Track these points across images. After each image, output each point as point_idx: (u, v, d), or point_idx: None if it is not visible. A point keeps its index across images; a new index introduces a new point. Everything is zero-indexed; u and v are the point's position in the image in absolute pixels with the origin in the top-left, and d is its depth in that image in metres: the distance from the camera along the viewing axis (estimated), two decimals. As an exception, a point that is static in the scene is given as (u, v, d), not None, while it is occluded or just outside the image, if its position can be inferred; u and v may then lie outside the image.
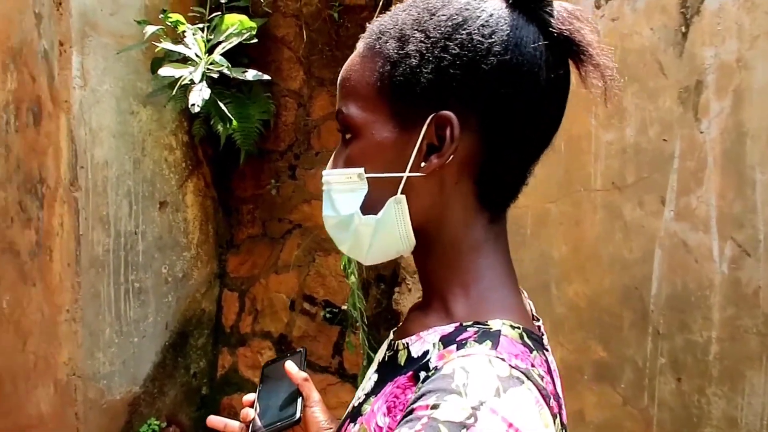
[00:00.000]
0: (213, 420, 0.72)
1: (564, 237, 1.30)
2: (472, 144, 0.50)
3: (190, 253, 2.05)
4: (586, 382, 1.32)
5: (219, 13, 1.84)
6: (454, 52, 0.48)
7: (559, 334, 1.32)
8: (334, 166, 0.53)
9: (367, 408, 0.50)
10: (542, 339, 0.52)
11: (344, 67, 0.54)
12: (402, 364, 0.50)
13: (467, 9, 0.50)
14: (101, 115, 1.80)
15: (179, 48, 1.70)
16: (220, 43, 1.76)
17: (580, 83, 0.54)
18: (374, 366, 0.55)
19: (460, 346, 0.46)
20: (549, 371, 0.49)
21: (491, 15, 0.49)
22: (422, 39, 0.49)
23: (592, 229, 1.33)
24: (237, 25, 1.78)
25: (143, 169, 1.91)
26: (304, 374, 0.69)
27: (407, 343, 0.50)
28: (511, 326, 0.48)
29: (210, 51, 1.75)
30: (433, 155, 0.49)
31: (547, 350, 0.52)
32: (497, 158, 0.51)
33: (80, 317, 1.77)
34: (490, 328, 0.47)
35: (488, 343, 0.46)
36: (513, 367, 0.44)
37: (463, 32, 0.49)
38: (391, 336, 0.56)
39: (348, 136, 0.52)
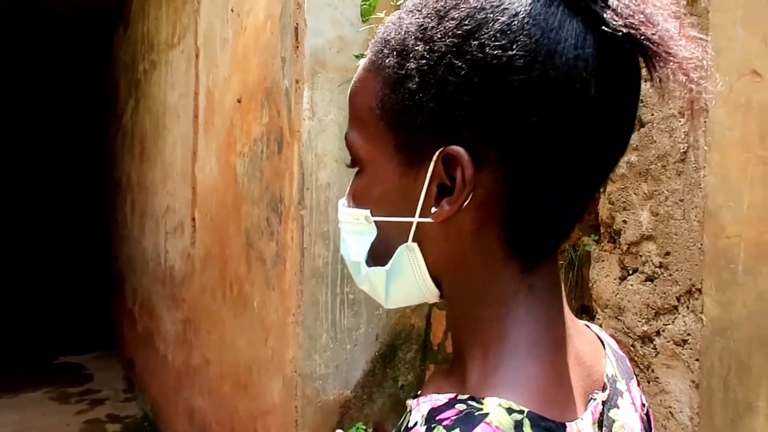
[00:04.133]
0: None
1: (790, 277, 1.02)
2: (493, 183, 0.41)
3: (403, 270, 2.14)
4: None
5: (429, 39, 1.91)
6: (461, 72, 0.39)
7: (782, 403, 1.03)
8: (347, 200, 0.48)
9: None
10: (565, 426, 0.40)
11: (353, 80, 0.47)
12: (401, 430, 0.45)
13: (484, 9, 0.39)
14: (325, 142, 2.02)
15: (386, 76, 1.81)
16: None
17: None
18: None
19: (429, 429, 0.39)
20: None
21: (515, 15, 0.38)
22: (424, 53, 0.40)
23: (831, 270, 1.03)
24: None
25: (361, 190, 2.07)
26: None
27: (411, 407, 0.44)
28: (509, 409, 0.38)
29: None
30: (445, 200, 0.41)
31: None
32: (527, 197, 0.41)
33: (302, 321, 2.00)
34: (478, 410, 0.39)
35: (456, 431, 0.38)
36: None
37: (475, 43, 0.38)
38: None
39: (356, 167, 0.47)
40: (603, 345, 0.52)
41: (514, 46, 0.38)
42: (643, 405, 0.53)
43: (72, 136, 6.84)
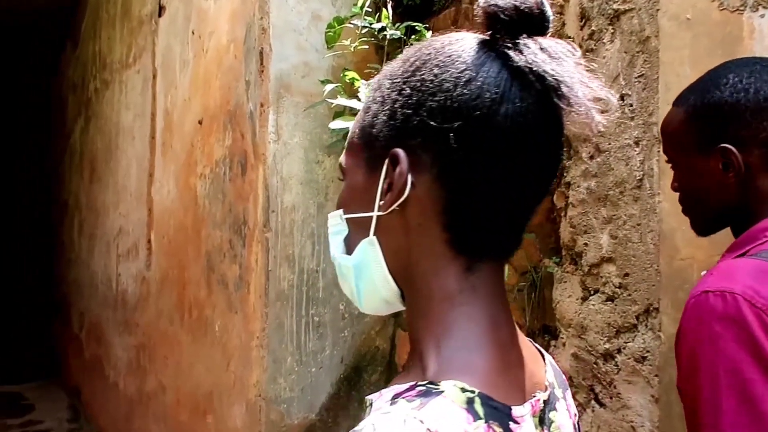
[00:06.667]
0: None
1: (739, 297, 1.09)
2: (429, 183, 0.49)
3: (367, 292, 2.16)
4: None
5: (393, 66, 1.97)
6: (406, 92, 0.50)
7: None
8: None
9: None
10: (510, 409, 0.47)
11: None
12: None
13: (430, 53, 0.51)
14: (291, 165, 2.04)
15: (352, 102, 1.85)
16: (390, 94, 1.87)
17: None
18: None
19: (393, 403, 0.44)
20: None
21: (449, 56, 0.50)
22: (388, 85, 0.52)
23: (776, 289, 1.10)
24: (406, 77, 1.88)
25: (325, 213, 2.08)
26: None
27: (372, 400, 0.49)
28: (463, 389, 0.45)
29: (380, 103, 1.87)
30: (389, 192, 0.51)
31: (516, 422, 0.46)
32: (459, 200, 0.49)
33: (266, 344, 1.99)
34: (436, 389, 0.45)
35: (417, 402, 0.43)
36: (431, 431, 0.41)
37: (419, 74, 0.50)
38: None
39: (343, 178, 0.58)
40: (543, 358, 0.59)
41: (443, 74, 0.49)
42: (575, 414, 0.61)
43: (14, 154, 6.58)
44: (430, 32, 1.99)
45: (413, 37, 1.98)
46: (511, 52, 0.48)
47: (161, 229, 3.02)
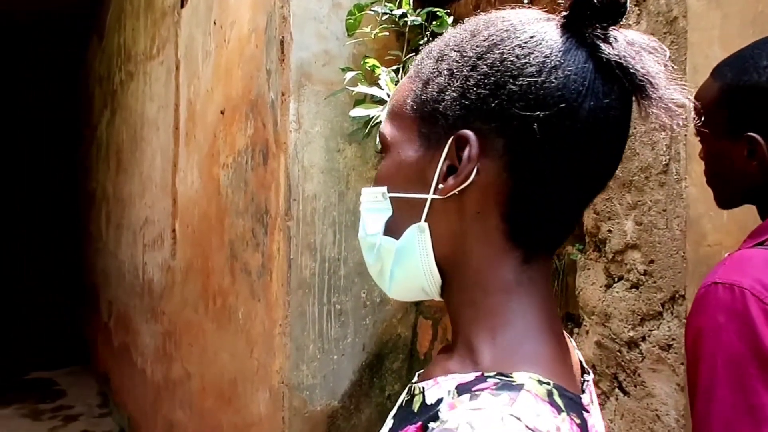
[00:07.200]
0: None
1: (768, 283, 1.06)
2: (496, 170, 0.46)
3: (388, 280, 2.16)
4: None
5: (413, 54, 1.95)
6: (482, 70, 0.46)
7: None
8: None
9: None
10: (580, 398, 0.45)
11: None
12: (416, 410, 0.47)
13: (508, 30, 0.47)
14: (312, 153, 2.04)
15: (373, 90, 1.84)
16: (411, 81, 1.85)
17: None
18: (393, 410, 0.53)
19: (473, 396, 0.42)
20: None
21: (532, 37, 0.46)
22: (456, 58, 0.48)
23: (807, 276, 1.07)
24: (427, 64, 1.86)
25: (347, 202, 2.09)
26: None
27: (423, 388, 0.47)
28: (539, 381, 0.43)
29: (401, 90, 1.86)
30: (451, 176, 0.47)
31: (587, 411, 0.45)
32: (526, 191, 0.47)
33: (289, 332, 2.00)
34: (513, 381, 0.42)
35: (505, 397, 0.41)
36: (530, 429, 0.39)
37: (497, 52, 0.46)
38: (415, 378, 0.54)
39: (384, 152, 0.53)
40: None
41: (527, 57, 0.45)
42: None
43: (43, 146, 6.73)
44: (451, 18, 1.96)
45: (434, 23, 1.96)
46: (601, 43, 0.45)
47: (185, 218, 3.05)
